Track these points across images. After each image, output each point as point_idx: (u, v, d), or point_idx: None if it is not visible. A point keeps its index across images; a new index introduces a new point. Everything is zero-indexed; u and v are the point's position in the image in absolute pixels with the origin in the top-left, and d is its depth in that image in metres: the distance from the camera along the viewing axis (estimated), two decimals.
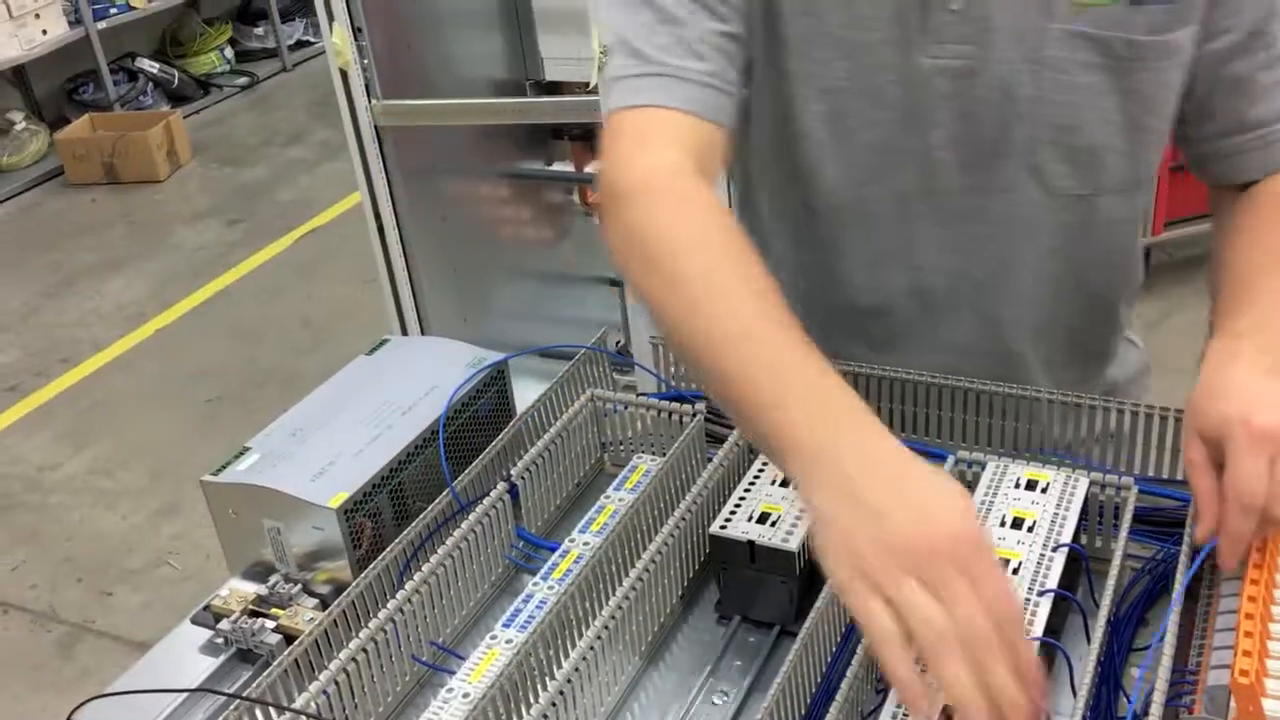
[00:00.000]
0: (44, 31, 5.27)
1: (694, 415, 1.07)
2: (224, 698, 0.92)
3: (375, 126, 2.25)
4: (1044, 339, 1.13)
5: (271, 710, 0.84)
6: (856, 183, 1.06)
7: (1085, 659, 0.79)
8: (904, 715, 0.76)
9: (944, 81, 1.00)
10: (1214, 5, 0.97)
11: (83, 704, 0.90)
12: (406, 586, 0.91)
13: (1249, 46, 0.99)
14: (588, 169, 2.56)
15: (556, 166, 2.63)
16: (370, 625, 0.87)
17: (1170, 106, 1.03)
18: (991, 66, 0.98)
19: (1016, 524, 0.89)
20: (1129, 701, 0.80)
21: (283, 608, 0.99)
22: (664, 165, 0.93)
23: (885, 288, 1.11)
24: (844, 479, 0.72)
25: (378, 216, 2.33)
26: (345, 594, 0.92)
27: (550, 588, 0.95)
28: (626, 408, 1.11)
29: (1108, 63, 0.98)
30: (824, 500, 0.72)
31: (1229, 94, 1.01)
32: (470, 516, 0.98)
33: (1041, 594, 0.83)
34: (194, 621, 1.02)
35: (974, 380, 1.06)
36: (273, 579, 1.02)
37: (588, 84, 2.28)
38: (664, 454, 1.06)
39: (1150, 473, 1.02)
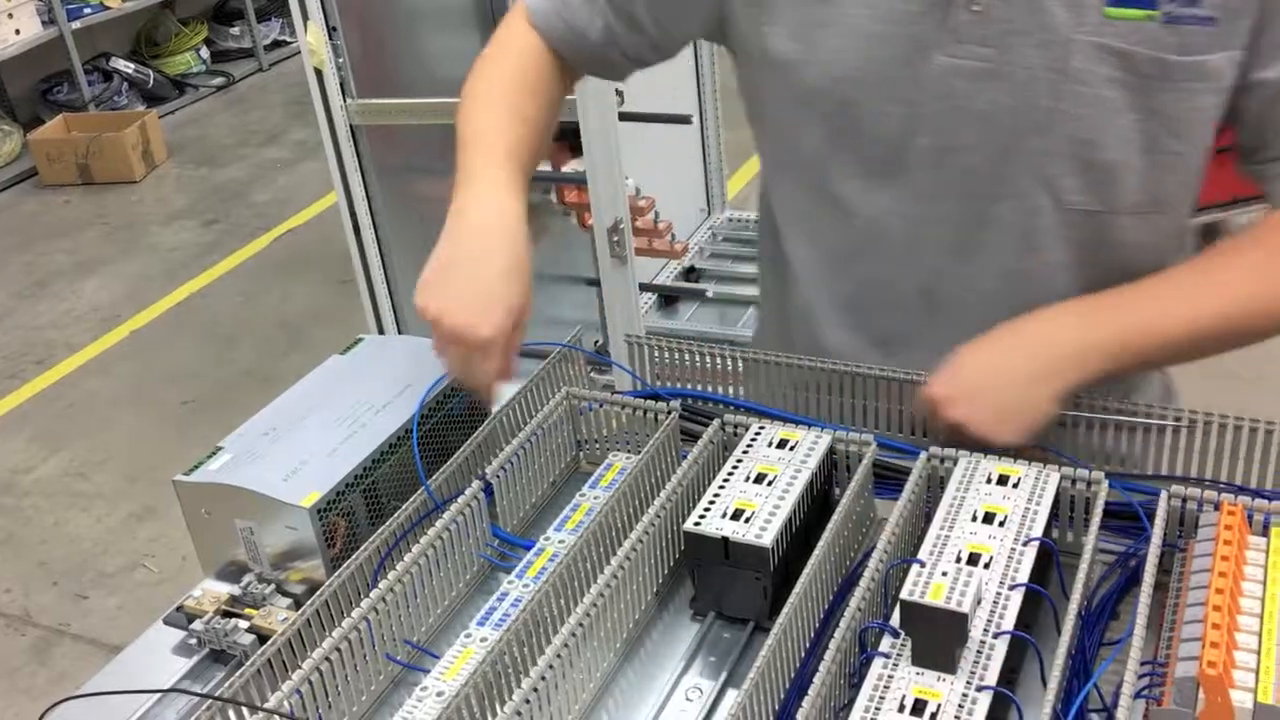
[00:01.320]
0: (17, 31, 5.23)
1: (669, 413, 1.07)
2: (197, 698, 0.91)
3: (350, 125, 2.24)
4: None
5: (245, 710, 0.84)
6: (865, 177, 1.05)
7: (1056, 652, 0.79)
8: (876, 709, 0.76)
9: (960, 82, 0.98)
10: (1260, 31, 0.94)
11: (54, 705, 0.90)
12: (380, 585, 0.91)
13: None
14: (565, 168, 2.56)
15: None
16: (344, 624, 0.87)
17: (1200, 132, 0.99)
18: (1011, 72, 0.96)
19: (988, 519, 0.89)
20: (1099, 694, 0.81)
21: (256, 608, 0.99)
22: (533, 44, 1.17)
23: (895, 285, 1.11)
24: (454, 249, 1.03)
25: (353, 215, 2.33)
26: (319, 593, 0.92)
27: (525, 586, 0.95)
28: (601, 405, 1.11)
29: (1132, 79, 0.95)
30: (441, 247, 1.03)
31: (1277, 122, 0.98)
32: (445, 515, 0.98)
33: (1013, 588, 0.83)
34: (167, 622, 1.01)
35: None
36: (246, 579, 1.01)
37: None
38: (639, 452, 1.06)
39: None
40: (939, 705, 0.76)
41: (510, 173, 1.06)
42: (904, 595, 0.80)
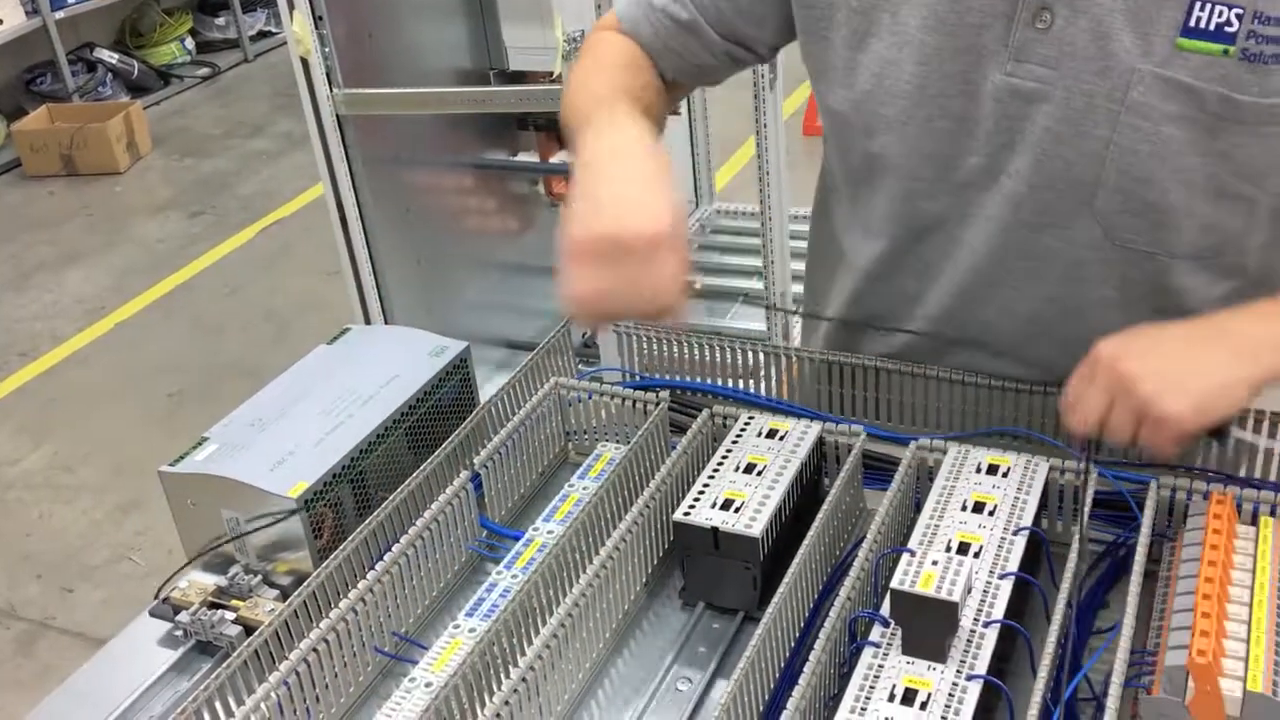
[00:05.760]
0: (0, 21, 5.19)
1: (658, 403, 1.07)
2: (183, 690, 0.91)
3: (337, 115, 2.23)
4: None
5: (232, 701, 0.83)
6: (916, 190, 1.01)
7: (1046, 641, 0.79)
8: (866, 699, 0.76)
9: (1013, 102, 0.93)
10: None
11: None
12: (368, 576, 0.90)
13: None
14: (553, 159, 2.55)
15: (521, 157, 2.62)
16: (331, 616, 0.87)
17: (1277, 175, 0.91)
18: (1067, 97, 0.91)
19: (978, 508, 0.89)
20: (1089, 683, 0.81)
21: (243, 599, 0.98)
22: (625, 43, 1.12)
23: (923, 301, 1.07)
24: (593, 178, 0.92)
25: (340, 206, 2.32)
26: (305, 584, 0.91)
27: (514, 576, 0.94)
28: (590, 396, 1.11)
29: (1199, 118, 0.87)
30: (580, 185, 0.92)
31: None
32: (433, 506, 0.97)
33: (1002, 577, 0.83)
34: (153, 614, 1.01)
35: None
36: (232, 570, 1.01)
37: (551, 74, 2.27)
38: (628, 442, 1.06)
39: (1110, 457, 1.03)
40: (929, 694, 0.76)
41: (631, 114, 0.98)
42: (894, 584, 0.80)
